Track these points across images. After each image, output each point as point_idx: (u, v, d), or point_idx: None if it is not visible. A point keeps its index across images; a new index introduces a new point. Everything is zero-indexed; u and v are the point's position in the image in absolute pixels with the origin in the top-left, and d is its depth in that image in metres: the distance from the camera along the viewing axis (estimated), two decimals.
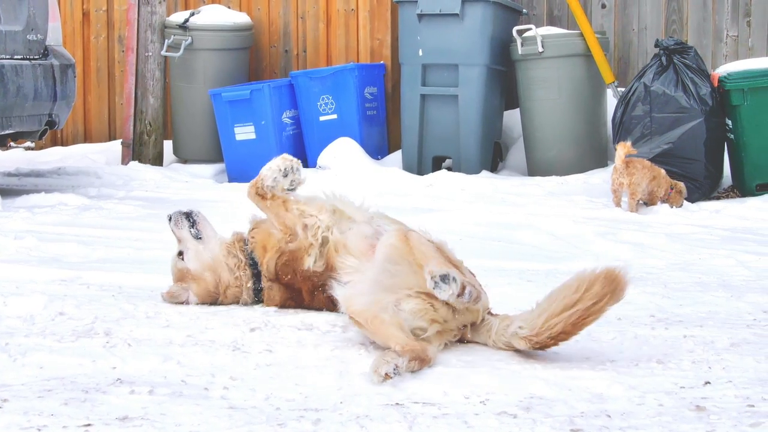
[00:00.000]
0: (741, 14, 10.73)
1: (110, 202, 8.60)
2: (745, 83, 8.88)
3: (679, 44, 9.18)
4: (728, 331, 4.57)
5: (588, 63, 10.08)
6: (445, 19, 10.24)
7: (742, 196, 9.12)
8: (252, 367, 4.03)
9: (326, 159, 10.33)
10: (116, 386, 3.73)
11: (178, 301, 4.98)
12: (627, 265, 4.05)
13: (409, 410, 3.54)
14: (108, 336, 4.39)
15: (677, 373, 3.95)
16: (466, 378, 3.89)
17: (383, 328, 4.09)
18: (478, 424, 3.40)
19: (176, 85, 11.18)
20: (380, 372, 3.81)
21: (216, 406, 3.56)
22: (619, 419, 3.44)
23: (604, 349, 4.31)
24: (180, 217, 5.02)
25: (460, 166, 10.23)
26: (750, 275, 5.94)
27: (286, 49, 11.53)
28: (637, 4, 11.02)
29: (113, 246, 6.66)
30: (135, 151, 11.01)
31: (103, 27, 12.13)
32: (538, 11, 11.31)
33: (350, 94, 10.55)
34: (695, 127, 8.94)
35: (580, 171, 9.93)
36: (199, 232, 5.01)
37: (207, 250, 4.98)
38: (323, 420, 3.43)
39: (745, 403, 3.57)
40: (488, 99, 10.28)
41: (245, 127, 10.52)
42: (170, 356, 4.10)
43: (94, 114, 12.23)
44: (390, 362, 3.85)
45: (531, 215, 7.83)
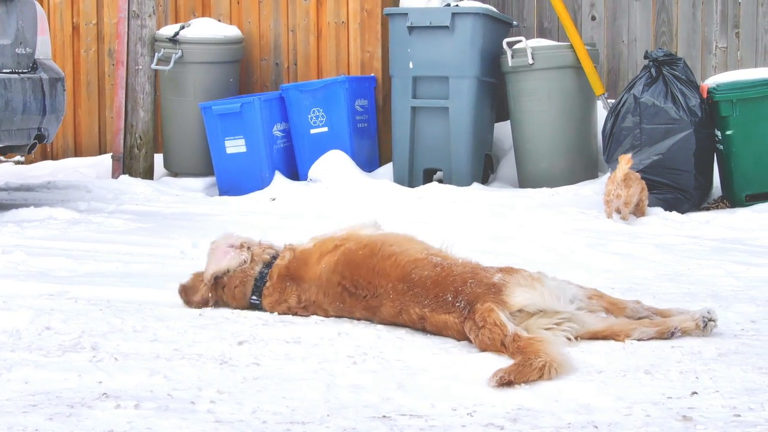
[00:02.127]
0: (730, 26, 10.76)
1: (100, 216, 8.58)
2: (734, 94, 8.89)
3: (668, 56, 9.19)
4: (716, 341, 4.57)
5: (578, 75, 10.08)
6: (435, 31, 10.25)
7: (731, 206, 9.12)
8: (239, 381, 4.03)
9: (317, 172, 10.32)
10: (102, 401, 3.72)
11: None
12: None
13: (396, 423, 3.53)
14: (95, 350, 4.39)
15: (665, 383, 3.95)
16: (454, 389, 3.89)
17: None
18: None
19: (166, 98, 11.17)
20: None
21: (202, 419, 3.56)
22: (606, 430, 3.44)
23: (592, 360, 4.30)
24: None
25: (451, 179, 10.22)
26: (739, 285, 5.94)
27: (276, 62, 11.53)
28: (626, 16, 11.04)
29: (102, 260, 6.64)
30: (125, 165, 10.98)
31: (93, 40, 12.12)
32: (529, 23, 11.32)
33: (341, 107, 10.54)
34: (685, 138, 8.95)
35: (570, 182, 9.92)
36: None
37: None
38: None
39: (732, 412, 3.57)
40: (479, 111, 10.28)
41: (236, 141, 10.51)
42: (157, 370, 4.10)
43: (85, 128, 12.21)
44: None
45: (522, 227, 7.83)
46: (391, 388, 3.91)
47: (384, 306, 4.81)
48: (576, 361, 4.24)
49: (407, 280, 4.73)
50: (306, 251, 5.15)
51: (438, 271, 4.71)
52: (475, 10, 10.14)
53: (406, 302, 4.71)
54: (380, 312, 4.84)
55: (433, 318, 4.64)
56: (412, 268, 4.77)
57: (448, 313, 4.58)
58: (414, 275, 4.73)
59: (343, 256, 4.98)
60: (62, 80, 9.10)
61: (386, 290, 4.78)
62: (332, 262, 4.99)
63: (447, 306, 4.59)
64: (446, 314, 4.59)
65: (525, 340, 4.23)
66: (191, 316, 5.04)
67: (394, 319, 4.80)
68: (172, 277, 6.01)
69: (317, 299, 5.02)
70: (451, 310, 4.57)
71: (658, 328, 4.59)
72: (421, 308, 4.66)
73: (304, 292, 5.04)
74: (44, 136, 8.91)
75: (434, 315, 4.63)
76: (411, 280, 4.73)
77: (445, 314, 4.59)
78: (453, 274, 4.67)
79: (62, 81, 9.09)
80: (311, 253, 5.11)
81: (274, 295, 5.11)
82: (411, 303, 4.70)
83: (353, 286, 4.89)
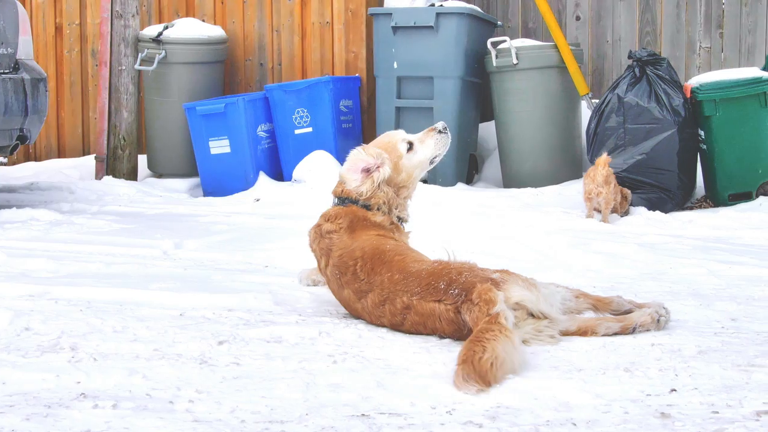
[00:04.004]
0: (714, 26, 10.77)
1: (82, 217, 8.55)
2: (717, 94, 8.90)
3: (652, 55, 9.20)
4: (696, 338, 4.57)
5: (562, 75, 10.09)
6: (419, 31, 10.25)
7: (714, 206, 9.14)
8: (218, 380, 4.01)
9: (301, 172, 10.30)
10: (80, 401, 3.71)
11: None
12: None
13: (375, 421, 3.52)
14: (74, 351, 4.37)
15: (644, 380, 3.94)
16: (433, 388, 3.89)
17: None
18: None
19: (150, 99, 11.15)
20: None
21: (180, 419, 3.54)
22: (584, 427, 3.43)
23: (573, 358, 4.30)
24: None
25: (435, 179, 10.22)
26: (720, 284, 5.95)
27: (261, 63, 11.51)
28: (611, 16, 11.05)
29: (83, 261, 6.62)
30: (109, 166, 10.96)
31: (76, 41, 12.10)
32: (513, 23, 11.33)
33: (325, 107, 10.53)
34: (668, 137, 8.96)
35: (554, 182, 9.93)
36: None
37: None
38: None
39: (710, 409, 3.57)
40: (463, 111, 10.28)
41: (220, 141, 10.50)
42: (136, 370, 4.08)
43: (68, 129, 12.19)
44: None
45: (505, 227, 7.82)
46: (371, 386, 3.90)
47: (371, 293, 4.82)
48: (556, 359, 4.24)
49: (405, 271, 4.76)
50: (371, 223, 5.19)
51: (435, 265, 4.75)
52: (460, 10, 10.15)
53: (396, 291, 4.71)
54: (365, 299, 4.85)
55: (420, 306, 4.62)
56: (412, 262, 4.79)
57: (438, 301, 4.57)
58: (412, 268, 4.76)
59: (374, 240, 5.04)
60: (44, 81, 9.06)
61: (382, 280, 4.79)
62: (367, 240, 5.04)
63: (438, 293, 4.58)
64: (435, 302, 4.58)
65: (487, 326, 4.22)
66: (172, 317, 5.02)
67: (376, 308, 4.80)
68: (154, 278, 6.01)
69: (334, 254, 5.07)
70: (441, 298, 4.56)
71: (622, 324, 4.68)
72: (410, 297, 4.66)
73: (343, 244, 5.10)
74: (26, 137, 8.88)
75: (421, 303, 4.62)
76: (408, 271, 4.75)
77: (433, 302, 4.59)
78: (450, 266, 4.70)
79: (44, 81, 9.06)
80: (370, 225, 5.17)
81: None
82: (400, 292, 4.69)
83: (360, 269, 4.90)
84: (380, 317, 4.82)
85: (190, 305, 5.28)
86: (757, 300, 5.50)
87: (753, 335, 4.68)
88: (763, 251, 7.10)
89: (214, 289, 5.69)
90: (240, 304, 5.30)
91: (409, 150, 5.33)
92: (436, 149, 5.42)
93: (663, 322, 4.77)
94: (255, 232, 7.94)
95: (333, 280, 5.08)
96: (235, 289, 5.65)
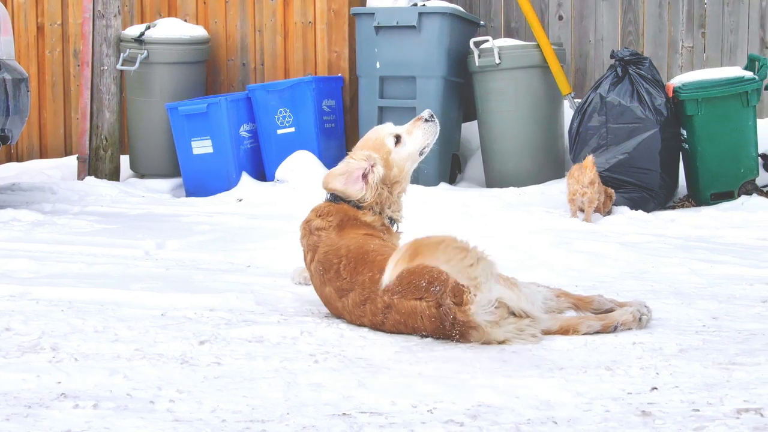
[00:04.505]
0: (696, 25, 10.80)
1: (64, 218, 8.53)
2: (699, 93, 8.92)
3: (634, 55, 9.21)
4: (677, 337, 4.58)
5: (545, 74, 10.10)
6: (402, 31, 10.25)
7: (697, 205, 9.16)
8: (200, 380, 4.00)
9: (284, 172, 10.30)
10: (60, 401, 3.69)
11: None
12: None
13: (356, 420, 3.52)
14: (54, 351, 4.35)
15: (625, 379, 3.95)
16: (415, 387, 3.88)
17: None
18: None
19: (132, 99, 11.12)
20: None
21: (161, 419, 3.53)
22: (565, 425, 3.43)
23: (554, 356, 4.31)
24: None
25: (418, 179, 10.21)
26: (701, 282, 5.96)
27: (243, 63, 11.50)
28: (593, 15, 11.07)
29: (65, 261, 6.60)
30: (91, 166, 10.93)
31: (58, 41, 12.06)
32: (496, 23, 11.33)
33: (308, 107, 10.52)
34: (650, 137, 8.98)
35: (537, 182, 9.94)
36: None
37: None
38: (268, 431, 3.41)
39: (691, 407, 3.57)
40: (446, 111, 10.28)
41: (202, 141, 10.48)
42: (117, 370, 4.07)
43: (50, 129, 12.15)
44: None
45: (488, 226, 7.82)
46: (352, 386, 3.89)
47: (353, 292, 4.81)
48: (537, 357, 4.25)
49: None
50: (361, 222, 5.19)
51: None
52: (442, 10, 10.15)
53: (377, 291, 4.70)
54: (346, 298, 4.84)
55: (401, 305, 4.62)
56: None
57: (419, 299, 4.57)
58: None
59: (360, 239, 5.03)
60: (26, 81, 9.03)
61: (363, 279, 4.79)
62: (353, 238, 5.04)
63: (419, 291, 4.58)
64: (416, 300, 4.58)
65: None
66: (153, 317, 5.01)
67: (356, 308, 4.79)
68: (136, 278, 6.00)
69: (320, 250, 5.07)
70: (422, 296, 4.56)
71: (603, 322, 4.69)
72: (390, 296, 4.65)
73: (330, 242, 5.10)
74: (8, 137, 8.84)
75: (402, 302, 4.62)
76: None
77: (415, 300, 4.59)
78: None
79: (26, 82, 9.03)
80: (360, 224, 5.17)
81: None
82: (381, 291, 4.69)
83: (344, 267, 4.89)
84: (361, 317, 4.81)
85: (172, 305, 5.27)
86: (738, 298, 5.51)
87: (734, 334, 4.69)
88: (744, 250, 7.12)
89: (195, 289, 5.68)
90: (221, 304, 5.29)
91: (397, 143, 5.31)
92: (425, 139, 5.40)
93: (645, 321, 4.78)
94: (237, 232, 7.94)
95: (316, 276, 5.07)
96: (217, 289, 5.64)
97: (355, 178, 5.18)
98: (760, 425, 3.37)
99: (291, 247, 6.29)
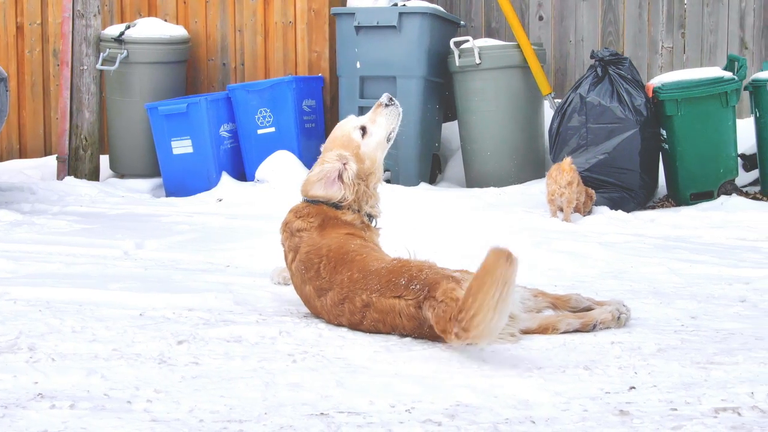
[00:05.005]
0: (676, 26, 10.82)
1: (43, 218, 8.50)
2: (679, 94, 8.94)
3: (614, 55, 9.23)
4: (656, 336, 4.59)
5: (525, 74, 10.10)
6: (382, 31, 10.24)
7: (676, 205, 9.18)
8: (177, 380, 3.99)
9: (264, 172, 10.28)
10: (37, 401, 3.68)
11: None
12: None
13: (334, 420, 3.51)
14: (32, 351, 4.33)
15: (603, 378, 3.95)
16: (393, 387, 3.88)
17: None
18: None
19: (112, 99, 11.09)
20: None
21: (138, 419, 3.52)
22: (543, 425, 3.43)
23: (533, 356, 4.31)
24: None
25: (398, 179, 10.22)
26: (680, 282, 5.97)
27: (223, 62, 11.48)
28: (573, 16, 11.08)
29: (43, 261, 6.57)
30: (71, 166, 10.90)
31: (38, 41, 12.01)
32: (476, 23, 11.34)
33: (288, 107, 10.51)
34: (630, 137, 8.99)
35: (517, 182, 9.94)
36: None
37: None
38: (246, 431, 3.40)
39: (669, 406, 3.58)
40: (426, 111, 10.28)
41: (182, 141, 10.45)
42: (94, 370, 4.05)
43: (29, 129, 12.10)
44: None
45: (468, 226, 7.83)
46: (331, 385, 3.89)
47: (331, 291, 4.81)
48: (516, 357, 4.25)
49: (365, 270, 4.74)
50: (342, 222, 5.19)
51: (395, 263, 4.74)
52: (423, 10, 10.14)
53: (355, 290, 4.70)
54: (325, 297, 4.84)
55: (380, 303, 4.61)
56: (372, 261, 4.78)
57: (398, 297, 4.57)
58: (372, 266, 4.74)
59: (341, 238, 5.03)
60: (5, 81, 8.99)
61: (342, 279, 4.78)
62: (335, 238, 5.03)
63: (398, 289, 4.57)
64: (395, 298, 4.57)
65: None
66: (131, 317, 5.00)
67: (335, 307, 4.79)
68: (114, 278, 5.98)
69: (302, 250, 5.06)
70: (401, 294, 4.55)
71: (582, 320, 4.69)
72: (369, 294, 4.64)
73: (312, 242, 5.09)
74: None
75: (381, 300, 4.61)
76: (368, 270, 4.73)
77: (393, 298, 4.58)
78: (409, 264, 4.70)
79: (5, 81, 8.99)
80: (340, 224, 5.17)
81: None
82: (359, 290, 4.68)
83: (324, 267, 4.88)
84: (339, 316, 4.81)
85: (150, 305, 5.25)
86: (716, 298, 5.53)
87: (712, 333, 4.70)
88: (723, 250, 7.14)
89: (174, 289, 5.66)
90: (200, 304, 5.28)
91: (363, 135, 5.31)
92: (389, 124, 5.39)
93: (623, 320, 4.79)
94: (217, 232, 7.92)
95: (297, 275, 5.07)
96: (196, 289, 5.62)
97: (332, 181, 5.17)
98: (737, 424, 3.38)
99: (271, 247, 6.28)
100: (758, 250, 7.18)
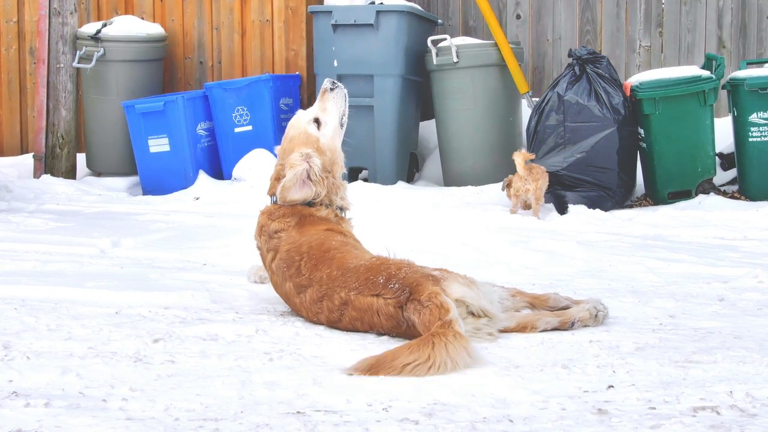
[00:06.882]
0: (653, 25, 10.84)
1: (20, 216, 8.45)
2: (657, 92, 8.95)
3: (591, 54, 9.24)
4: (634, 335, 4.58)
5: (503, 73, 10.10)
6: (359, 29, 10.22)
7: (654, 204, 9.19)
8: (153, 378, 3.96)
9: (241, 171, 10.25)
10: (11, 399, 3.64)
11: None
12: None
13: (310, 418, 3.49)
14: (6, 349, 4.29)
15: (582, 377, 3.94)
16: (370, 385, 3.86)
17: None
18: (379, 431, 3.36)
19: (89, 97, 11.04)
20: None
21: (113, 417, 3.49)
22: (521, 424, 3.42)
23: (511, 354, 4.29)
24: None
25: (376, 177, 10.20)
26: (659, 281, 5.97)
27: (200, 61, 11.44)
28: (551, 14, 11.09)
29: (19, 259, 6.53)
30: (47, 165, 10.84)
31: (14, 38, 11.94)
32: (454, 21, 11.33)
33: (265, 106, 10.48)
34: (608, 136, 9.00)
35: (495, 181, 9.93)
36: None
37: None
38: (222, 429, 3.37)
39: (647, 405, 3.57)
40: (404, 109, 10.26)
41: (159, 140, 10.41)
42: (69, 368, 4.02)
43: (6, 127, 12.03)
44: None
45: (445, 225, 7.81)
46: (307, 384, 3.86)
47: (311, 289, 4.80)
48: (494, 356, 4.24)
49: (343, 267, 4.73)
50: (318, 218, 5.18)
51: (374, 261, 4.72)
52: (400, 8, 10.13)
53: (334, 287, 4.69)
54: (304, 294, 4.82)
55: (358, 301, 4.59)
56: (352, 259, 4.77)
57: (376, 295, 4.55)
58: (351, 264, 4.73)
59: (322, 235, 5.02)
60: None
61: (321, 276, 4.77)
62: (315, 234, 5.02)
63: (376, 287, 4.55)
64: (373, 296, 4.56)
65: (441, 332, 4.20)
66: (107, 315, 4.96)
67: (313, 304, 4.78)
68: (90, 276, 5.94)
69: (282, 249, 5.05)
70: (380, 292, 4.54)
71: (560, 319, 4.70)
72: (347, 292, 4.63)
73: (292, 240, 5.08)
74: None
75: (359, 298, 4.59)
76: (347, 267, 4.72)
77: (371, 296, 4.56)
78: (388, 262, 4.69)
79: None
80: (317, 220, 5.17)
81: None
82: (338, 288, 4.67)
83: (305, 264, 4.87)
84: (317, 313, 4.79)
85: (126, 303, 5.22)
86: (694, 297, 5.53)
87: (690, 332, 4.70)
88: (701, 249, 7.15)
89: (150, 287, 5.63)
90: (177, 302, 5.25)
91: (319, 127, 5.31)
92: (339, 108, 5.40)
93: (601, 317, 4.79)
94: (194, 231, 7.89)
95: (278, 273, 5.04)
96: (172, 287, 5.59)
97: (303, 182, 5.18)
98: (716, 423, 3.37)
99: (247, 246, 6.24)
100: (736, 248, 7.19)
